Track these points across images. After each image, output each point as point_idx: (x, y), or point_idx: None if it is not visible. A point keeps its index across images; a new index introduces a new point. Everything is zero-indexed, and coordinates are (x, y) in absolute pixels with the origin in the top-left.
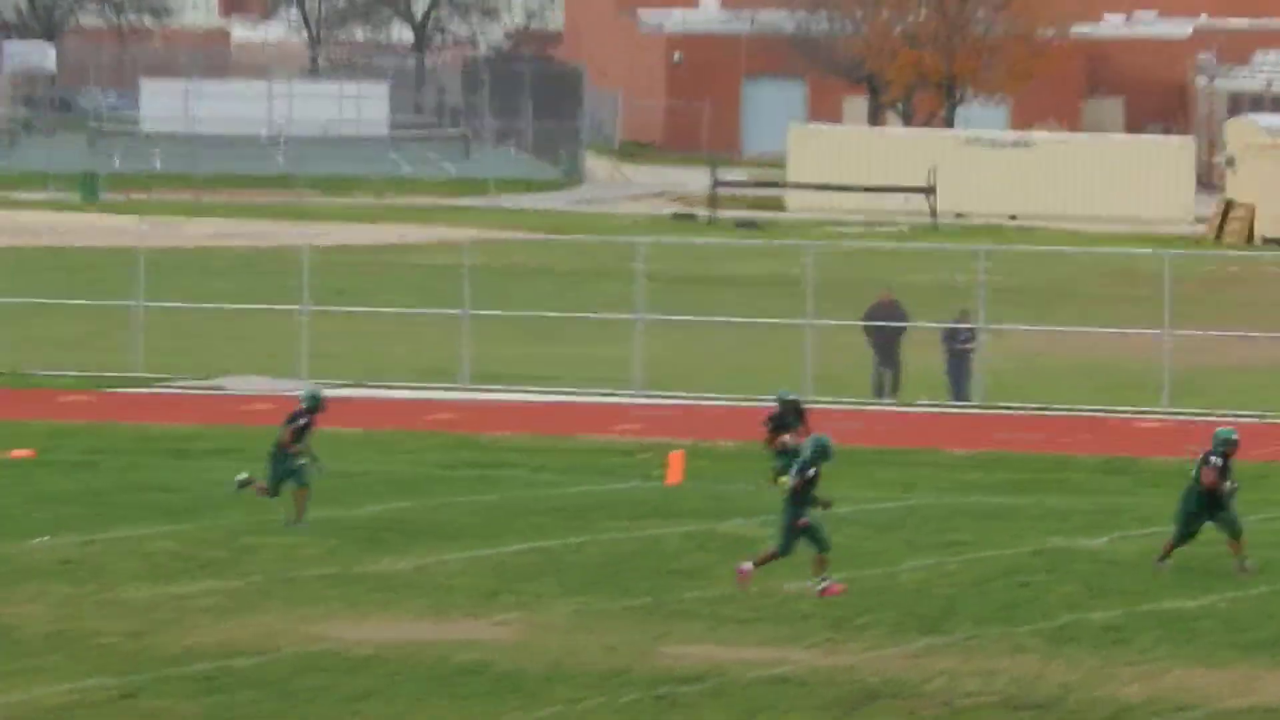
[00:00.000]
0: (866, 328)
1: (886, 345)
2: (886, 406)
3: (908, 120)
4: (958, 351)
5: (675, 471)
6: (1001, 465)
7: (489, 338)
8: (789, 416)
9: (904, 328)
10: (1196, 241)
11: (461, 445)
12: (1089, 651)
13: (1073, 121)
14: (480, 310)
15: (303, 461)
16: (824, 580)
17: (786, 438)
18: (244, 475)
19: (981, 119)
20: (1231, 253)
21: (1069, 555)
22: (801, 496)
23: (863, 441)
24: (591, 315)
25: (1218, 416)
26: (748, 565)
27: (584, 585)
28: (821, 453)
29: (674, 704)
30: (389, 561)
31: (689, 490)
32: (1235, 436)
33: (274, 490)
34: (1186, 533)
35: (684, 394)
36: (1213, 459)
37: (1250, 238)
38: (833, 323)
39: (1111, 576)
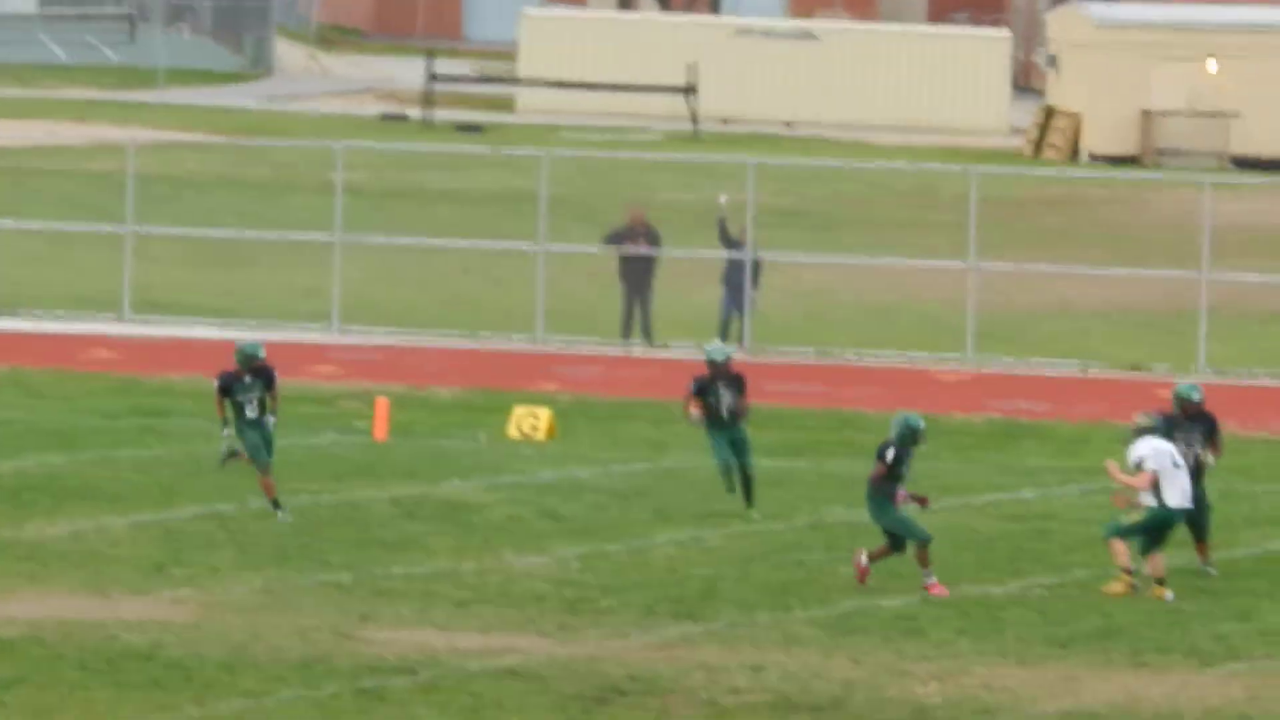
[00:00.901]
0: (613, 254)
1: (637, 275)
2: (635, 350)
3: (665, 5)
4: (734, 283)
5: (381, 424)
6: (773, 422)
7: (157, 261)
8: (718, 380)
9: (656, 255)
10: (1010, 157)
11: (124, 389)
12: (877, 644)
13: (865, 9)
14: (147, 227)
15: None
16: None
17: (693, 409)
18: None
19: (755, 4)
20: (1052, 171)
21: (853, 530)
22: (885, 485)
23: (605, 391)
24: (280, 236)
25: (1032, 366)
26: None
27: (271, 557)
28: (910, 436)
29: (382, 698)
30: (37, 526)
31: (398, 446)
32: (1198, 396)
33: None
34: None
35: (393, 331)
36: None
37: (1074, 153)
38: (572, 248)
39: (899, 557)
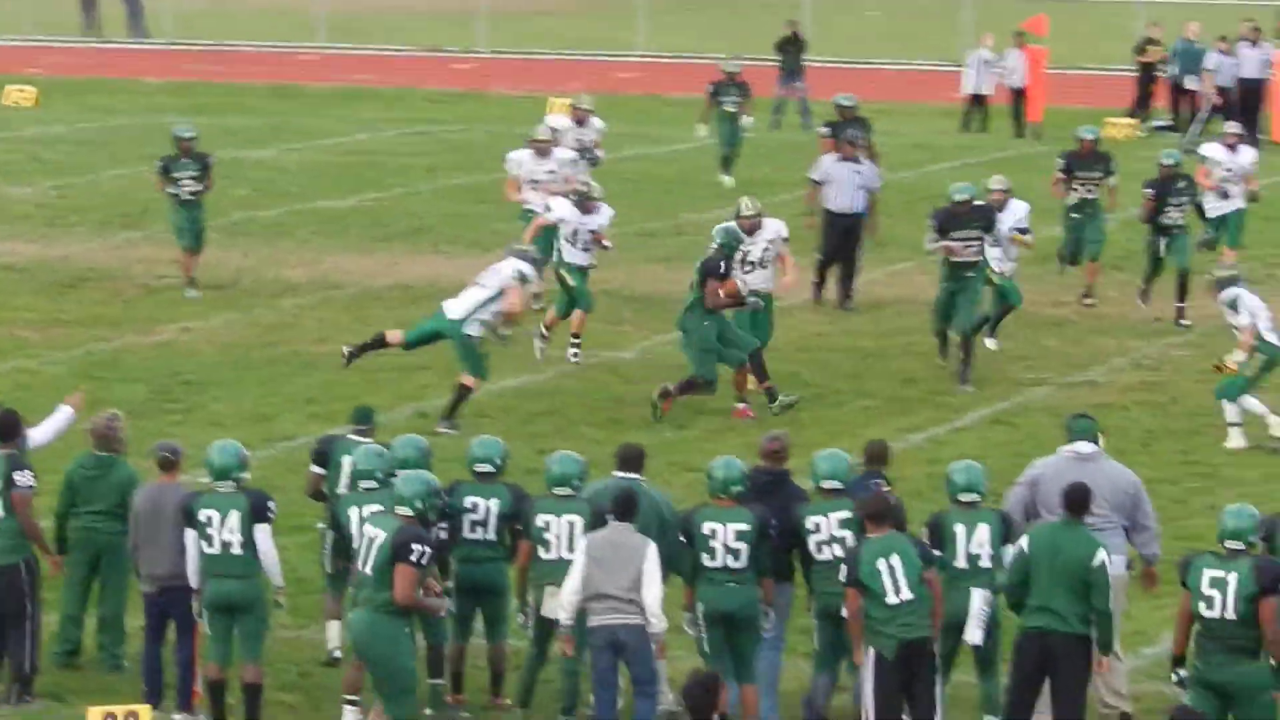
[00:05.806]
0: None
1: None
2: (91, 42)
3: None
4: None
5: None
6: (191, 92)
7: None
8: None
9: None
10: None
11: None
12: (260, 243)
13: None
14: None
15: None
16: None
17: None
18: None
19: None
20: None
21: (242, 164)
22: None
23: (67, 73)
24: None
25: (370, 50)
26: None
27: None
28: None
29: None
30: None
31: None
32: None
33: None
34: None
35: None
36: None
37: None
38: None
39: (279, 182)
